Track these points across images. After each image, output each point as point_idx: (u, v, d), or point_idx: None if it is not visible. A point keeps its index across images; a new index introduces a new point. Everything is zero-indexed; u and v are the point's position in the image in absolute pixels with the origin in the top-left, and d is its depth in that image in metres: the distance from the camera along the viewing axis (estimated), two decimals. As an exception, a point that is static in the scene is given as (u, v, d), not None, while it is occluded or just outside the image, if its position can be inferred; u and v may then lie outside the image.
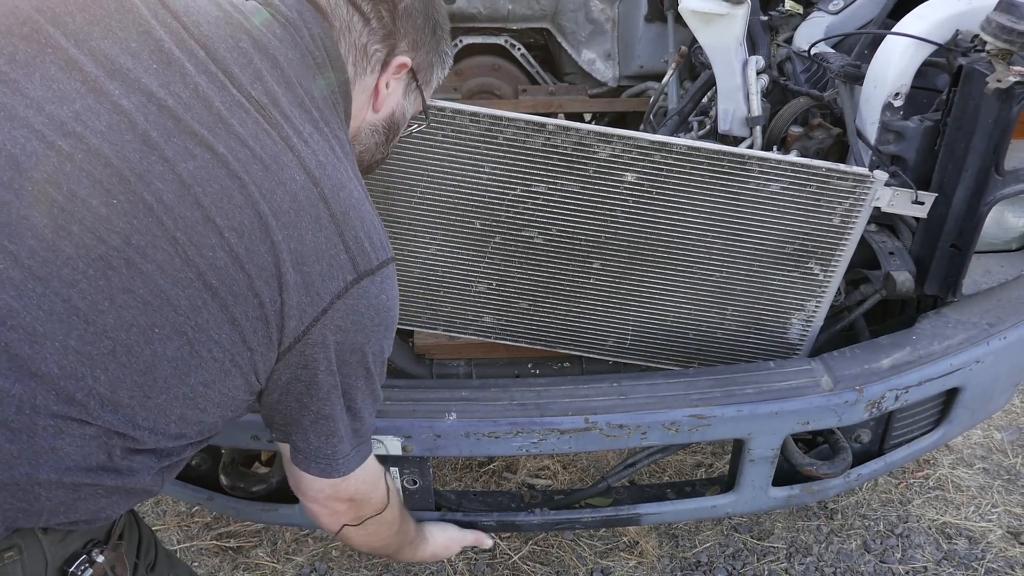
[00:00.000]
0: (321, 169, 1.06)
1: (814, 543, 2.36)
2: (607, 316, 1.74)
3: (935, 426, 1.86)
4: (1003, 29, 1.47)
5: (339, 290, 1.07)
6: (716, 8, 1.77)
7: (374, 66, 1.21)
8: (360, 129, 1.27)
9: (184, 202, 0.96)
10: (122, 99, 0.96)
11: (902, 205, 1.63)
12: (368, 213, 1.13)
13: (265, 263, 1.01)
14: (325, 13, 1.17)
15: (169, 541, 2.35)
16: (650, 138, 1.51)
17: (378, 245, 1.13)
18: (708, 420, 1.58)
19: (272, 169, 1.01)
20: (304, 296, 1.05)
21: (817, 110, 1.85)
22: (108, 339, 0.94)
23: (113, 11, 1.00)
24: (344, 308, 1.08)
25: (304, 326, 1.06)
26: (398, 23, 1.21)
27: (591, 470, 2.60)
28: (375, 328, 1.14)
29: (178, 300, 0.97)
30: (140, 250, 0.94)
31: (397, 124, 1.32)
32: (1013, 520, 2.44)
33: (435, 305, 1.74)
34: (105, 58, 0.97)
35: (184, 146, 0.97)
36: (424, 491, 1.67)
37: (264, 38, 1.08)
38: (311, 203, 1.04)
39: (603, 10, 2.66)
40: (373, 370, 1.19)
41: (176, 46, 1.01)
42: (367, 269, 1.10)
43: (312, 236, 1.04)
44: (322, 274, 1.06)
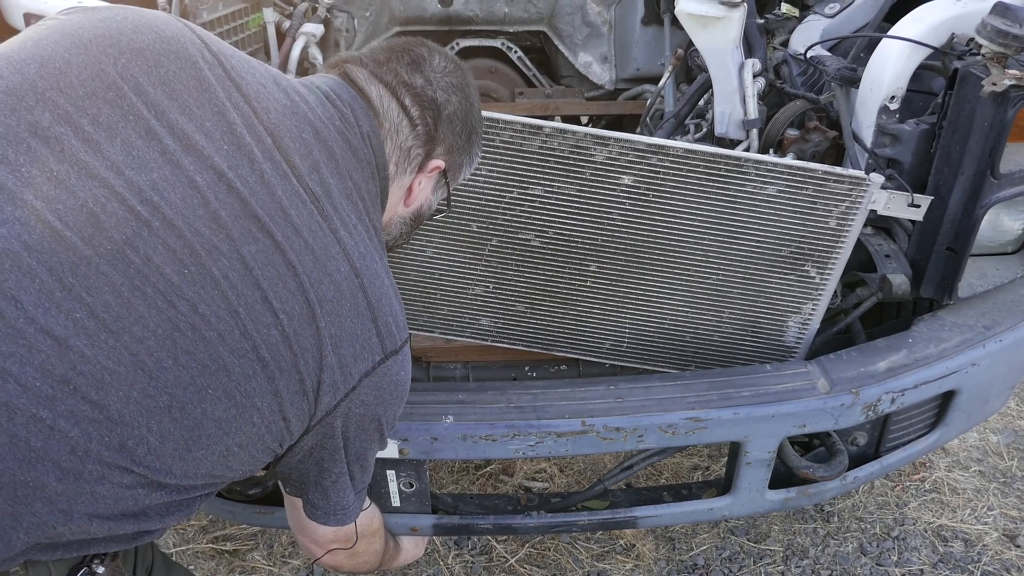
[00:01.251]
0: (362, 260, 1.15)
1: (810, 546, 2.36)
2: (604, 319, 1.74)
3: (931, 429, 1.86)
4: (998, 33, 1.48)
5: (368, 370, 1.16)
6: (712, 11, 1.77)
7: (413, 167, 1.29)
8: (392, 220, 1.35)
9: (246, 282, 1.03)
10: (196, 175, 1.02)
11: (898, 208, 1.63)
12: (394, 299, 1.22)
13: (309, 345, 1.08)
14: (377, 112, 1.23)
15: (165, 544, 2.34)
16: (647, 141, 1.52)
17: (401, 326, 1.22)
18: (705, 423, 1.58)
19: (321, 260, 1.09)
20: (339, 375, 1.13)
21: (813, 113, 1.86)
22: (167, 394, 1.00)
23: (192, 88, 1.06)
24: (370, 385, 1.17)
25: (336, 401, 1.14)
26: (440, 129, 1.28)
27: (588, 473, 2.59)
28: (393, 400, 1.23)
29: (233, 367, 1.03)
30: (205, 318, 1.01)
31: (423, 216, 1.41)
32: (1009, 523, 2.44)
33: (432, 308, 1.74)
34: (182, 133, 1.03)
35: (249, 229, 1.04)
36: (421, 494, 1.67)
37: (324, 130, 1.15)
38: (352, 293, 1.12)
39: (600, 13, 2.66)
40: (385, 435, 1.28)
41: (246, 130, 1.07)
42: (392, 350, 1.19)
43: (350, 322, 1.12)
44: (355, 356, 1.14)
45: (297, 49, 2.17)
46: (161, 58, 1.06)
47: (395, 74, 1.26)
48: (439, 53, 1.33)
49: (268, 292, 1.04)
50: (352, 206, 1.17)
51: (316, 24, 2.24)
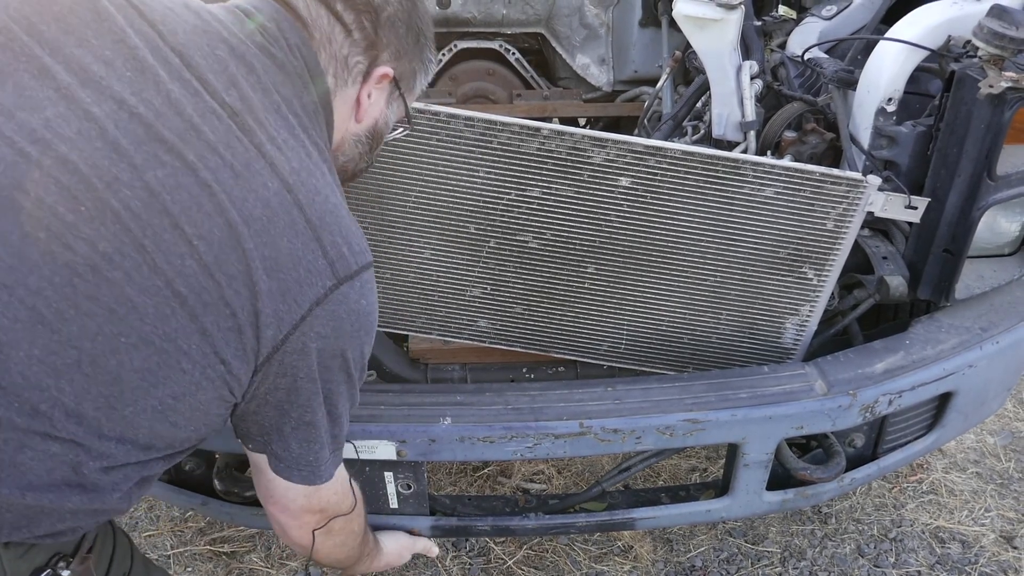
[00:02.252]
0: (295, 175, 1.05)
1: (808, 547, 2.36)
2: (602, 320, 1.74)
3: (928, 430, 1.86)
4: (995, 35, 1.48)
5: (318, 296, 1.06)
6: (710, 13, 1.78)
7: (355, 77, 1.20)
8: (344, 140, 1.26)
9: (152, 209, 0.95)
10: (93, 106, 0.95)
11: (895, 210, 1.63)
12: (346, 218, 1.12)
13: (235, 271, 0.99)
14: (305, 23, 1.16)
15: (163, 546, 2.34)
16: (644, 142, 1.52)
17: (357, 250, 1.11)
18: (702, 424, 1.58)
19: (243, 176, 1.01)
20: (281, 303, 1.03)
21: (811, 115, 1.86)
22: (73, 348, 0.93)
23: (89, 20, 1.00)
24: (324, 314, 1.07)
25: (283, 334, 1.05)
26: (380, 33, 1.19)
27: (586, 474, 2.59)
28: (356, 333, 1.13)
29: (145, 308, 0.95)
30: (107, 257, 0.93)
31: (380, 133, 1.31)
32: (1006, 524, 2.44)
33: (430, 309, 1.74)
34: (79, 66, 0.97)
35: (154, 153, 0.96)
36: (418, 496, 1.67)
37: (242, 46, 1.08)
38: (285, 209, 1.03)
39: (597, 15, 2.67)
40: (354, 374, 1.18)
41: (150, 53, 1.01)
42: (346, 274, 1.09)
43: (287, 243, 1.03)
44: (299, 280, 1.04)
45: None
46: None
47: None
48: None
49: (179, 217, 0.95)
50: (281, 120, 1.08)
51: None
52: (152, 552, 2.32)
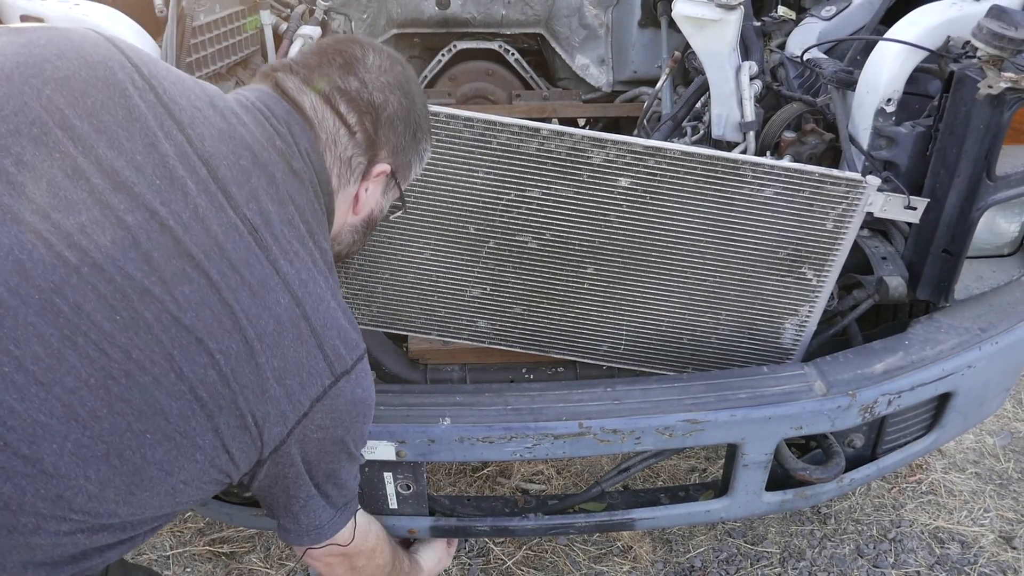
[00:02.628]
0: (303, 288, 1.12)
1: (807, 548, 2.36)
2: (601, 321, 1.74)
3: (927, 431, 1.86)
4: (994, 35, 1.48)
5: (318, 394, 1.14)
6: (709, 14, 1.78)
7: (356, 176, 1.26)
8: (342, 230, 1.33)
9: (179, 324, 1.01)
10: (126, 215, 0.98)
11: (895, 210, 1.64)
12: (341, 317, 1.19)
13: (249, 381, 1.07)
14: (312, 125, 1.20)
15: (162, 547, 2.34)
16: (644, 143, 1.52)
17: (351, 346, 1.19)
18: (702, 425, 1.58)
19: (259, 294, 1.07)
20: (287, 405, 1.11)
21: (810, 115, 1.86)
22: (103, 443, 0.98)
23: (121, 119, 1.02)
24: (323, 409, 1.15)
25: (287, 430, 1.13)
26: (380, 133, 1.24)
27: (585, 475, 2.59)
28: (354, 420, 1.22)
29: (170, 410, 1.02)
30: (139, 364, 0.99)
31: (375, 220, 1.38)
32: (1005, 524, 2.44)
33: (429, 310, 1.74)
34: (111, 169, 0.99)
35: (183, 269, 1.01)
36: (418, 496, 1.66)
37: (264, 153, 1.13)
38: (293, 323, 1.10)
39: (597, 15, 2.67)
40: (354, 452, 1.27)
41: (179, 161, 1.04)
42: (343, 370, 1.17)
43: (294, 352, 1.11)
44: (303, 383, 1.12)
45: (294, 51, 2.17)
46: (88, 87, 1.01)
47: (328, 80, 1.21)
48: (373, 50, 1.27)
49: (202, 333, 1.02)
50: (294, 231, 1.14)
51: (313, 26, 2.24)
52: (151, 552, 2.32)
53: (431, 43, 2.78)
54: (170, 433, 1.03)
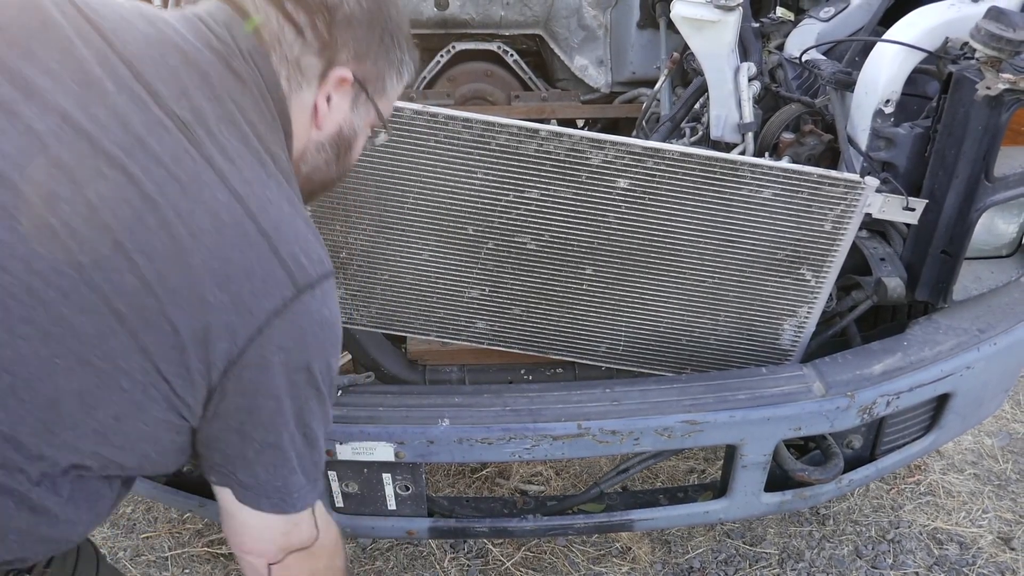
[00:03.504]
0: (247, 186, 1.02)
1: (806, 549, 2.36)
2: (600, 322, 1.74)
3: (926, 432, 1.86)
4: (992, 37, 1.48)
5: (277, 306, 1.01)
6: (708, 15, 1.78)
7: (310, 80, 1.14)
8: (306, 149, 1.20)
9: (91, 225, 0.91)
10: (35, 121, 0.92)
11: (893, 211, 1.64)
12: (303, 227, 1.08)
13: (179, 286, 0.95)
14: (255, 26, 1.10)
15: (160, 548, 2.34)
16: (643, 144, 1.52)
17: (315, 258, 1.07)
18: (700, 426, 1.58)
19: (191, 189, 0.97)
20: (234, 315, 0.99)
21: (808, 116, 1.86)
22: (7, 374, 0.90)
23: (35, 30, 0.97)
24: (285, 325, 1.02)
25: (238, 347, 1.00)
26: (335, 34, 1.13)
27: (584, 476, 2.59)
28: (320, 344, 1.08)
29: (82, 329, 0.92)
30: (42, 276, 0.90)
31: (347, 140, 1.23)
32: (1004, 525, 2.44)
33: (428, 311, 1.74)
34: (23, 80, 0.94)
35: (96, 168, 0.93)
36: (417, 497, 1.66)
37: (197, 54, 1.04)
38: (236, 221, 0.99)
39: (596, 16, 2.67)
40: (323, 389, 1.11)
41: (98, 64, 0.98)
42: (306, 283, 1.04)
43: (240, 254, 0.99)
44: (255, 291, 1.00)
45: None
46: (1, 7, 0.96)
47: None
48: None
49: (120, 232, 0.92)
50: (235, 131, 1.04)
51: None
52: (150, 554, 2.32)
53: (430, 44, 2.78)
54: (85, 356, 0.92)
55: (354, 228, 1.62)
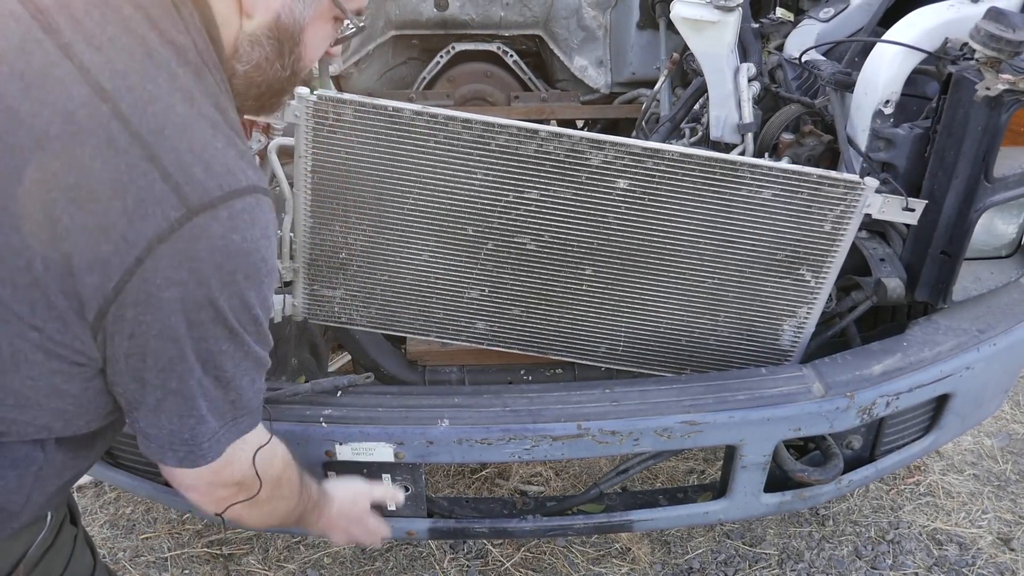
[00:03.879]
0: (119, 79, 0.85)
1: (806, 549, 2.36)
2: (600, 322, 1.74)
3: (926, 432, 1.86)
4: (992, 37, 1.48)
5: (160, 230, 0.84)
6: (707, 15, 1.78)
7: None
8: (238, 41, 1.00)
9: None
10: None
11: (893, 212, 1.64)
12: (203, 132, 0.89)
13: (23, 211, 0.82)
14: None
15: (160, 548, 2.34)
16: (642, 144, 1.52)
17: (219, 171, 0.89)
18: (700, 426, 1.58)
19: (36, 86, 0.83)
20: (103, 242, 0.83)
21: (808, 117, 1.86)
22: None
23: None
24: (172, 253, 0.85)
25: (113, 281, 0.85)
26: None
27: (583, 476, 2.59)
28: (228, 276, 0.90)
29: None
30: None
31: (290, 31, 1.01)
32: (1003, 526, 2.44)
33: (428, 311, 1.74)
34: None
35: None
36: (416, 498, 1.66)
37: None
38: (98, 123, 0.83)
39: (595, 17, 2.67)
40: (237, 327, 0.95)
41: None
42: (202, 202, 0.86)
43: (101, 164, 0.83)
44: (127, 211, 0.83)
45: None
46: None
47: None
48: None
49: None
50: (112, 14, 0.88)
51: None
52: (149, 554, 2.32)
53: (429, 44, 2.78)
54: None
55: (354, 228, 1.62)
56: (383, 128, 1.50)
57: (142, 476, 1.72)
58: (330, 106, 1.48)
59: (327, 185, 1.57)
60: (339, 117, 1.49)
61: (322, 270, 1.68)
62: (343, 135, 1.51)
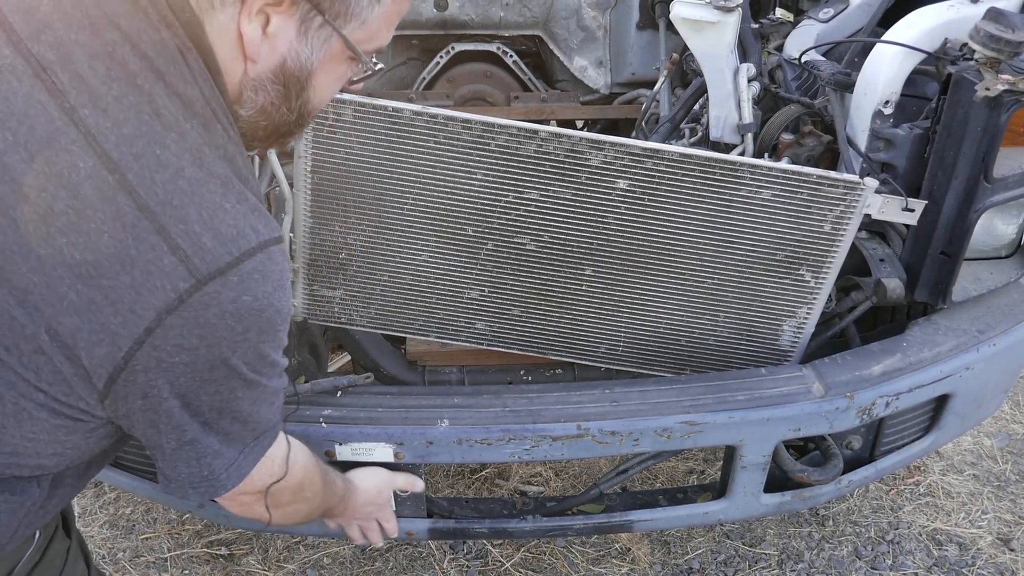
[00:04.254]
0: (125, 146, 0.82)
1: (805, 550, 2.36)
2: (599, 323, 1.74)
3: (925, 432, 1.86)
4: (991, 38, 1.48)
5: (168, 303, 0.83)
6: (707, 16, 1.78)
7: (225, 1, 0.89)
8: (242, 86, 0.96)
9: None
10: None
11: (892, 212, 1.64)
12: (213, 196, 0.86)
13: (28, 284, 0.80)
14: None
15: (160, 549, 2.34)
16: (642, 145, 1.52)
17: (230, 236, 0.86)
18: (700, 426, 1.58)
19: (41, 157, 0.80)
20: (111, 316, 0.82)
21: (808, 117, 1.86)
22: None
23: None
24: (182, 323, 0.84)
25: (123, 352, 0.84)
26: None
27: (583, 477, 2.59)
28: (239, 336, 0.89)
29: None
30: None
31: (296, 76, 0.96)
32: (1003, 526, 2.44)
33: (427, 312, 1.74)
34: None
35: None
36: (416, 498, 1.66)
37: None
38: (104, 195, 0.81)
39: (595, 17, 2.67)
40: (253, 377, 0.95)
41: None
42: (212, 270, 0.84)
43: (109, 240, 0.81)
44: (135, 286, 0.82)
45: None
46: None
47: None
48: None
49: None
50: (116, 67, 0.83)
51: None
52: (149, 555, 2.32)
53: (429, 45, 2.78)
54: None
55: (353, 229, 1.62)
56: (383, 128, 1.50)
57: (142, 476, 1.72)
58: (330, 106, 1.48)
59: (327, 185, 1.57)
60: (339, 117, 1.49)
61: (322, 270, 1.68)
62: (343, 135, 1.51)
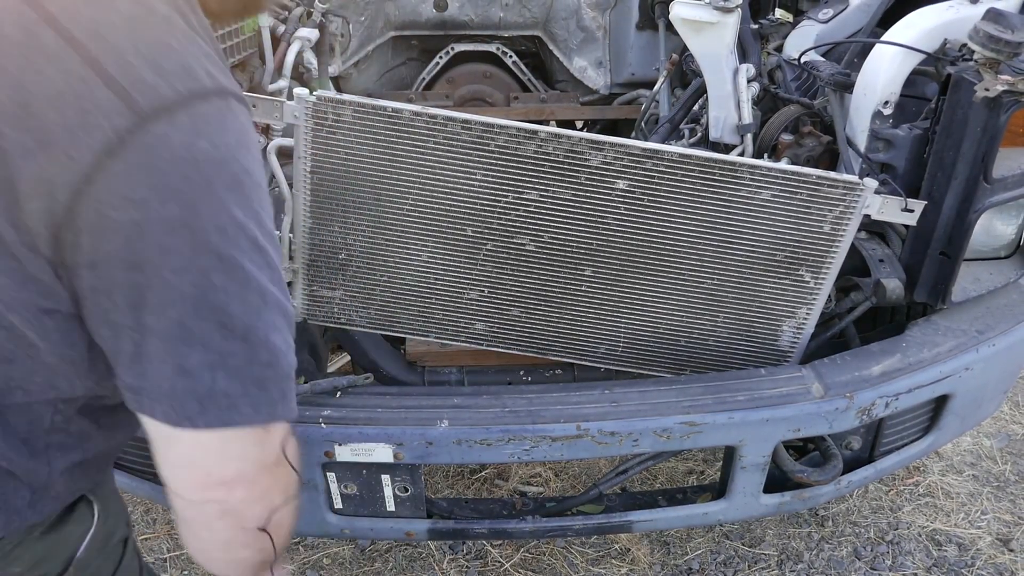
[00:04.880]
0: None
1: (805, 550, 2.36)
2: (599, 323, 1.74)
3: (925, 433, 1.86)
4: (991, 38, 1.48)
5: (108, 143, 0.72)
6: (707, 16, 1.78)
7: None
8: None
9: None
10: None
11: (892, 213, 1.64)
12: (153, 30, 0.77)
13: None
14: None
15: (159, 549, 2.34)
16: (641, 145, 1.52)
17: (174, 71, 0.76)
18: (699, 427, 1.58)
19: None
20: (45, 162, 0.72)
21: (807, 118, 1.86)
22: None
23: None
24: (125, 171, 0.73)
25: (61, 205, 0.73)
26: None
27: (583, 477, 2.59)
28: (200, 190, 0.76)
29: None
30: None
31: None
32: (1002, 527, 2.44)
33: (427, 312, 1.74)
34: None
35: None
36: (416, 499, 1.66)
37: None
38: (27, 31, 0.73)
39: (595, 18, 2.67)
40: (225, 251, 0.78)
41: None
42: (154, 106, 0.74)
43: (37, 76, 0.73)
44: (67, 125, 0.72)
45: (292, 54, 2.17)
46: None
47: None
48: None
49: None
50: None
51: (311, 29, 2.24)
52: (149, 555, 2.31)
53: (429, 45, 2.78)
54: None
55: (353, 229, 1.62)
56: (382, 129, 1.50)
57: (141, 477, 1.72)
58: (329, 107, 1.48)
59: (326, 186, 1.57)
60: (338, 118, 1.49)
61: (321, 271, 1.68)
62: (342, 136, 1.51)
